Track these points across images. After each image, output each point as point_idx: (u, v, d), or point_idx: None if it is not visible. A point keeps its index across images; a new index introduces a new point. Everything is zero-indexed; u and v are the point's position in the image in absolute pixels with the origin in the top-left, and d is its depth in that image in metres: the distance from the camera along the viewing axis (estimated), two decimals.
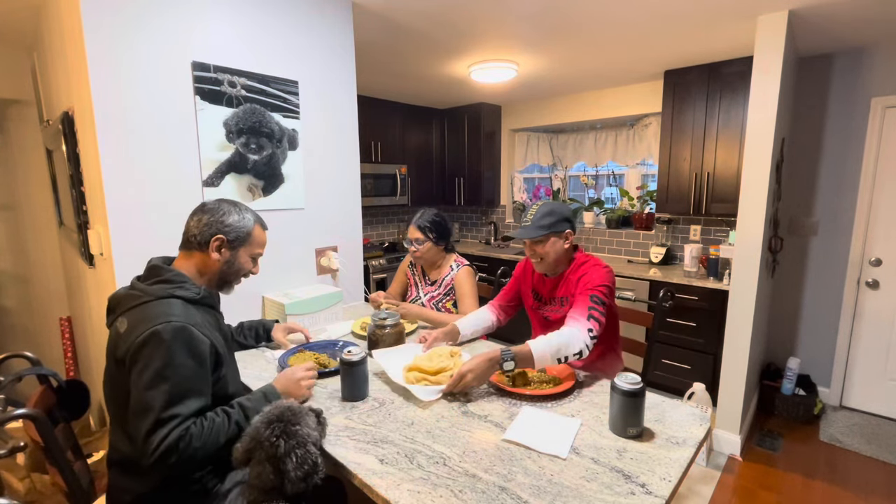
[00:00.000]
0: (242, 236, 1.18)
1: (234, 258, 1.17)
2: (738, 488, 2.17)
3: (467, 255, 3.97)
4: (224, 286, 1.21)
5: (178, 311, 1.02)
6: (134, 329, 0.98)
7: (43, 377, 1.24)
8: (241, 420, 1.04)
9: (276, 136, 1.88)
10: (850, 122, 2.74)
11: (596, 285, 1.45)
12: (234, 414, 1.04)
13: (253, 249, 1.21)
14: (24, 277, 2.99)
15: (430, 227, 1.99)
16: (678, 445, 1.02)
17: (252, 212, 1.22)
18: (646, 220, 3.56)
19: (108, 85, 1.46)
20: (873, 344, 2.79)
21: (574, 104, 3.90)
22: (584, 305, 1.40)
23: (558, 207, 1.54)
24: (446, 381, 1.27)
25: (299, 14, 1.92)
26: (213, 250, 1.14)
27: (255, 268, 1.25)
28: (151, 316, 0.99)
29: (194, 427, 0.96)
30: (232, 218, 1.16)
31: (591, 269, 1.51)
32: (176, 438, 0.92)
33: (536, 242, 1.53)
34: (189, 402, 0.97)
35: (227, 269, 1.18)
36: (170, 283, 1.07)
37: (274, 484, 0.87)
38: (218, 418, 1.01)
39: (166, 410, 0.93)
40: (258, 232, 1.22)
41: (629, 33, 2.43)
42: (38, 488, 1.61)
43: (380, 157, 3.95)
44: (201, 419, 0.99)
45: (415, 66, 3.05)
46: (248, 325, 1.62)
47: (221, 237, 1.14)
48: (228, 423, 1.02)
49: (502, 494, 0.86)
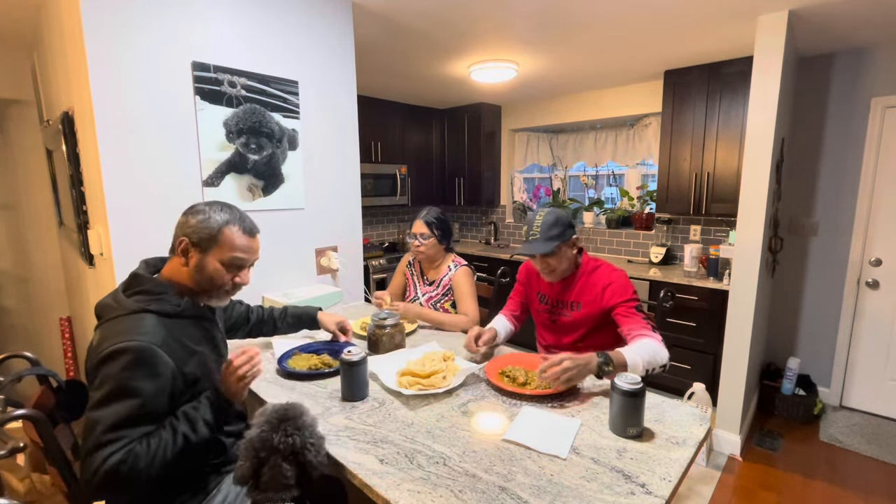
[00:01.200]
0: (205, 237, 1.04)
1: (202, 263, 1.05)
2: (738, 488, 2.17)
3: (467, 255, 3.97)
4: (205, 297, 1.09)
5: (148, 328, 0.96)
6: (100, 344, 0.94)
7: (43, 377, 1.24)
8: (188, 431, 0.97)
9: (276, 136, 1.88)
10: (850, 122, 2.74)
11: (631, 296, 1.48)
12: (179, 426, 0.97)
13: (224, 254, 1.06)
14: (24, 277, 2.99)
15: (437, 223, 2.02)
16: (678, 445, 1.02)
17: (233, 213, 1.09)
18: (646, 220, 3.56)
19: (108, 85, 1.46)
20: (873, 344, 2.79)
21: (574, 104, 3.90)
22: (638, 318, 1.43)
23: (560, 215, 1.52)
24: (439, 383, 1.27)
25: (299, 14, 1.92)
26: (180, 254, 1.05)
27: (238, 277, 1.10)
28: (118, 332, 0.94)
29: (139, 446, 0.90)
30: (198, 218, 1.05)
31: (615, 277, 1.53)
32: (117, 462, 0.86)
33: (548, 255, 1.50)
34: (138, 428, 0.91)
35: (200, 277, 1.06)
36: (147, 294, 1.01)
37: (290, 480, 0.87)
38: (165, 433, 0.95)
39: (112, 432, 0.88)
40: (230, 234, 1.06)
41: (629, 33, 2.43)
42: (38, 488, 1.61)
43: (380, 157, 3.95)
44: (146, 438, 0.92)
45: (415, 66, 3.05)
46: (292, 311, 1.59)
47: (184, 239, 1.04)
48: (174, 437, 0.95)
49: (502, 494, 0.86)
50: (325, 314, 1.63)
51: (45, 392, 1.19)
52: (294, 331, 1.62)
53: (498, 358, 1.49)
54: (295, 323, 1.60)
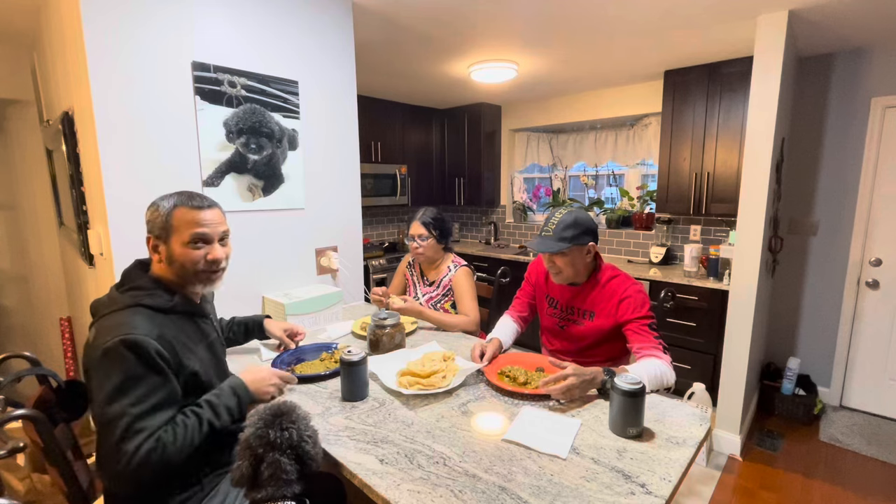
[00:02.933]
0: (161, 227, 1.06)
1: (170, 252, 1.06)
2: (738, 488, 2.17)
3: (467, 256, 3.97)
4: (190, 285, 1.11)
5: (141, 321, 0.97)
6: (95, 340, 0.95)
7: (42, 377, 1.24)
8: (212, 418, 1.01)
9: (276, 136, 1.88)
10: (850, 122, 2.74)
11: (646, 313, 1.43)
12: (203, 413, 1.01)
13: (182, 234, 1.06)
14: (24, 277, 2.99)
15: (434, 223, 2.01)
16: (678, 445, 1.02)
17: (180, 195, 1.10)
18: (646, 220, 3.57)
19: (108, 85, 1.46)
20: (873, 344, 2.79)
21: (574, 104, 3.90)
22: (650, 336, 1.38)
23: (582, 218, 1.45)
24: (439, 382, 1.27)
25: (299, 14, 1.92)
26: (152, 251, 1.08)
27: (210, 253, 1.09)
28: (113, 326, 0.95)
29: (165, 434, 0.93)
30: (149, 212, 1.08)
31: (632, 292, 1.46)
32: (148, 451, 0.89)
33: (556, 254, 1.46)
34: (158, 415, 0.94)
35: (175, 267, 1.07)
36: (140, 290, 1.03)
37: (291, 475, 0.87)
38: (189, 420, 0.98)
39: (136, 423, 0.90)
40: (180, 214, 1.07)
41: (629, 33, 2.43)
42: (38, 488, 1.61)
43: (380, 157, 3.95)
44: (172, 425, 0.95)
45: (415, 66, 3.05)
46: (238, 320, 1.56)
47: (149, 236, 1.08)
48: (200, 424, 0.99)
49: (502, 494, 0.86)
50: (272, 322, 1.57)
51: (45, 392, 1.19)
52: (245, 340, 1.56)
53: (498, 358, 1.49)
54: (243, 332, 1.54)
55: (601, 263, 1.55)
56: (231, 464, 0.93)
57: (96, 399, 0.92)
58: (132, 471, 0.88)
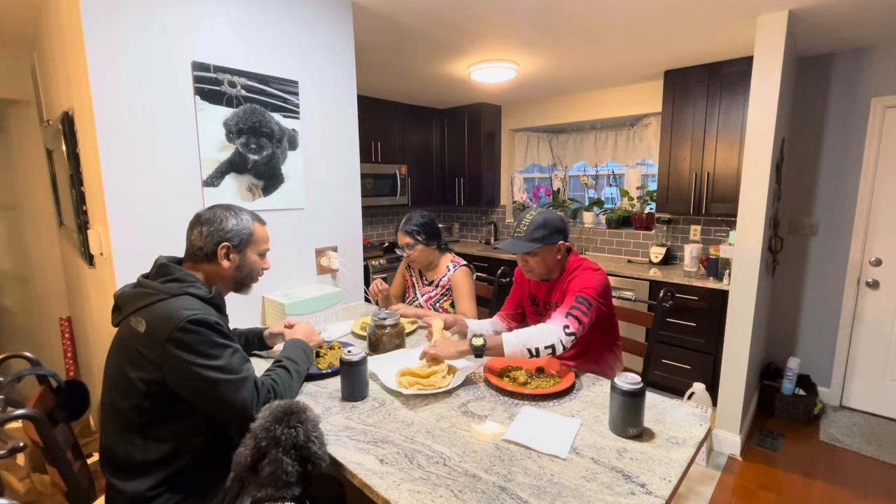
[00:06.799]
0: (246, 238, 1.20)
1: (243, 261, 1.20)
2: (738, 488, 2.17)
3: (467, 256, 3.98)
4: (241, 288, 1.25)
5: (196, 304, 1.05)
6: (158, 326, 0.99)
7: (43, 377, 1.24)
8: (294, 371, 1.22)
9: (276, 136, 1.88)
10: (850, 122, 2.74)
11: (583, 287, 1.45)
12: (289, 365, 1.22)
13: (259, 247, 1.24)
14: (24, 277, 2.99)
15: (418, 229, 1.99)
16: (678, 445, 1.02)
17: (247, 211, 1.24)
18: (646, 220, 3.56)
19: (108, 85, 1.46)
20: (873, 344, 2.79)
21: (574, 104, 3.90)
22: (568, 305, 1.41)
23: (551, 218, 1.51)
24: (439, 382, 1.28)
25: (299, 14, 1.92)
26: (223, 258, 1.16)
27: (265, 263, 1.28)
28: (174, 310, 1.01)
29: (272, 375, 1.14)
30: (231, 223, 1.17)
31: (581, 273, 1.51)
32: (271, 382, 1.10)
33: (528, 254, 1.52)
34: (250, 366, 1.09)
35: (240, 274, 1.21)
36: (181, 281, 1.09)
37: (291, 477, 0.86)
38: (281, 371, 1.18)
39: (241, 373, 1.04)
40: (258, 229, 1.24)
41: (629, 33, 2.43)
42: (38, 488, 1.61)
43: (380, 157, 3.95)
44: (271, 374, 1.15)
45: (415, 66, 3.05)
46: (239, 332, 1.53)
47: (227, 244, 1.16)
48: (291, 375, 1.19)
49: (502, 494, 0.86)
50: (270, 330, 1.53)
51: (45, 392, 1.19)
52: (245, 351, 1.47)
53: (498, 358, 1.49)
54: (243, 343, 1.50)
55: (571, 257, 1.59)
56: None
57: (190, 374, 0.99)
58: (263, 398, 1.05)
